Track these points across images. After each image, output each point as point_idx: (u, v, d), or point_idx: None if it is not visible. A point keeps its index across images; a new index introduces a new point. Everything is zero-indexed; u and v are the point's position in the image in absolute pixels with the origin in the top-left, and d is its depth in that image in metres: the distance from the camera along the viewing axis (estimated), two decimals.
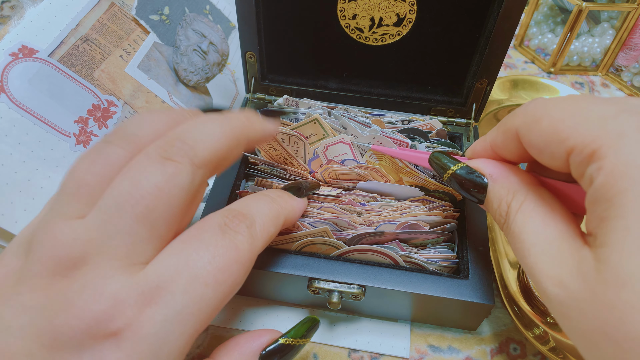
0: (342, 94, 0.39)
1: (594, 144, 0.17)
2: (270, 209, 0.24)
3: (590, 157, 0.17)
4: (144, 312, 0.17)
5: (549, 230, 0.19)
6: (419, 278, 0.28)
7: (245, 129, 0.24)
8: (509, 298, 0.31)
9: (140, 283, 0.18)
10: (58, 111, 0.30)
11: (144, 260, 0.19)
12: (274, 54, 0.39)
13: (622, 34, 0.51)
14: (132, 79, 0.35)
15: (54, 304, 0.17)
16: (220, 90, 0.44)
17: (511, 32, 0.33)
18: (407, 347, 0.31)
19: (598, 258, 0.16)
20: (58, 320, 0.16)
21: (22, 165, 0.27)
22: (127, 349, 0.17)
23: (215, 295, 0.19)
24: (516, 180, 0.22)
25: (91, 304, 0.17)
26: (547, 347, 0.28)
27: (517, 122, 0.21)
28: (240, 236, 0.21)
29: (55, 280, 0.17)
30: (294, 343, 0.24)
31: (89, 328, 0.16)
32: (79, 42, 0.32)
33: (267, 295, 0.33)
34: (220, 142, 0.22)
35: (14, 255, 0.19)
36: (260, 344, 0.23)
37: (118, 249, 0.18)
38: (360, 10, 0.34)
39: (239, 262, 0.20)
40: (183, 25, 0.41)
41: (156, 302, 0.17)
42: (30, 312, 0.17)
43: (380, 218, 0.30)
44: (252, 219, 0.22)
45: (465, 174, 0.24)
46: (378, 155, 0.32)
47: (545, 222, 0.20)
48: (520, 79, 0.49)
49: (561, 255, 0.18)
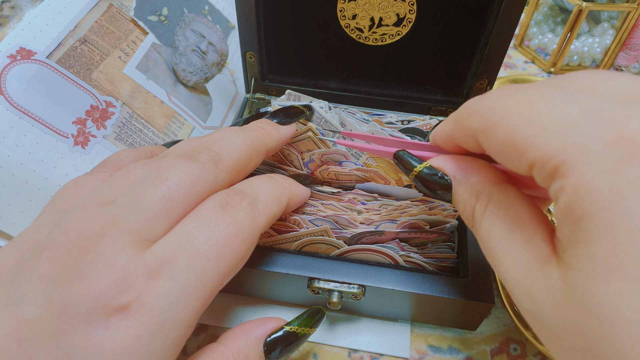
0: (342, 94, 0.39)
1: (554, 160, 0.15)
2: (273, 188, 0.25)
3: (553, 174, 0.15)
4: (150, 284, 0.18)
5: (515, 237, 0.18)
6: (419, 278, 0.28)
7: (263, 139, 0.26)
8: (509, 298, 0.31)
9: (147, 258, 0.18)
10: (56, 112, 0.30)
11: (155, 238, 0.19)
12: (274, 54, 0.39)
13: (622, 34, 0.51)
14: (130, 80, 0.35)
15: (69, 273, 0.18)
16: (219, 91, 0.44)
17: (511, 32, 0.33)
18: (407, 347, 0.31)
19: (566, 280, 0.15)
20: (70, 289, 0.17)
21: (20, 167, 0.27)
22: (134, 320, 0.18)
23: (217, 270, 0.20)
24: (479, 180, 0.20)
25: (102, 274, 0.18)
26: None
27: (474, 125, 0.19)
28: (242, 212, 0.21)
29: (72, 251, 0.18)
30: (299, 332, 0.24)
31: (99, 297, 0.17)
32: (77, 44, 0.32)
33: (267, 295, 0.33)
34: (241, 151, 0.24)
35: (34, 232, 0.21)
36: (265, 330, 0.23)
37: (133, 223, 0.19)
38: (360, 10, 0.34)
39: (239, 237, 0.21)
40: (182, 26, 0.41)
41: (161, 276, 0.18)
42: (46, 281, 0.18)
43: (380, 217, 0.30)
44: (255, 196, 0.23)
45: (428, 175, 0.22)
46: (374, 157, 0.32)
47: (511, 229, 0.18)
48: (521, 79, 0.49)
49: (529, 266, 0.17)
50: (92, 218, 0.19)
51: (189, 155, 0.22)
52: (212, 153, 0.23)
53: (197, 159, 0.22)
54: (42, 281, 0.18)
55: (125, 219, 0.19)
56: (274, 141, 0.27)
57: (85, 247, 0.18)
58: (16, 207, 0.27)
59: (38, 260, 0.18)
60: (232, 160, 0.23)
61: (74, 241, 0.18)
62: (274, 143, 0.27)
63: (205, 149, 0.23)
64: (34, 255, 0.19)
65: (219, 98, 0.43)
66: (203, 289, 0.19)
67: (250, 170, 0.26)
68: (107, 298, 0.17)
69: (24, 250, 0.20)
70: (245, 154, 0.24)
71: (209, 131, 0.41)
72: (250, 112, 0.40)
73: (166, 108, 0.37)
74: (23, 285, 0.18)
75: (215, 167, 0.22)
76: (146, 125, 0.35)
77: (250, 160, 0.25)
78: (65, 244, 0.18)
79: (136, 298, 0.18)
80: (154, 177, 0.20)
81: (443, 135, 0.22)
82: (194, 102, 0.40)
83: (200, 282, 0.19)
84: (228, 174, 0.23)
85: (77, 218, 0.19)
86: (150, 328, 0.18)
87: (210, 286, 0.20)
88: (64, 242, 0.18)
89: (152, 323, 0.18)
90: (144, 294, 0.18)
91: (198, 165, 0.21)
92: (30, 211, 0.27)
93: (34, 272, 0.18)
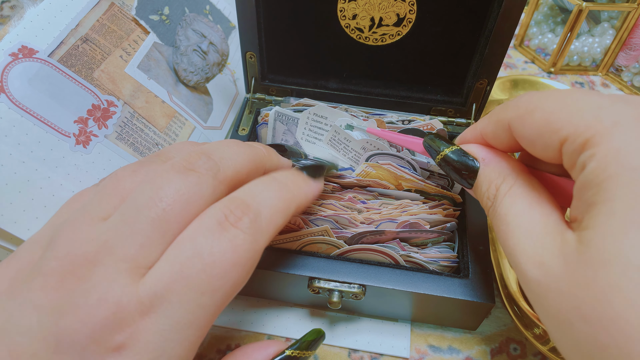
0: (342, 94, 0.39)
1: (587, 133, 0.17)
2: (280, 197, 0.23)
3: (584, 146, 0.17)
4: (144, 320, 0.17)
5: (534, 212, 0.19)
6: (419, 277, 0.28)
7: (264, 157, 0.25)
8: (509, 298, 0.31)
9: (140, 291, 0.18)
10: (58, 111, 0.30)
11: (149, 264, 0.18)
12: (274, 54, 0.39)
13: (622, 34, 0.51)
14: (132, 79, 0.35)
15: (62, 305, 0.17)
16: (220, 90, 0.44)
17: (511, 32, 0.33)
18: (407, 347, 0.31)
19: (581, 240, 0.16)
20: (64, 323, 0.17)
21: (22, 166, 0.27)
22: (129, 358, 0.17)
23: (212, 302, 0.19)
24: (507, 166, 0.22)
25: (96, 308, 0.17)
26: (547, 347, 0.28)
27: (509, 115, 0.21)
28: (241, 234, 0.20)
29: (66, 278, 0.17)
30: (300, 355, 0.23)
31: (93, 335, 0.17)
32: (78, 42, 0.32)
33: (267, 295, 0.33)
34: (242, 163, 0.23)
35: (28, 250, 0.20)
36: (267, 354, 0.23)
37: (127, 250, 0.18)
38: (360, 10, 0.34)
39: (238, 265, 0.19)
40: (183, 26, 0.41)
41: (155, 311, 0.18)
42: (40, 311, 0.17)
43: (380, 216, 0.30)
44: (257, 210, 0.21)
45: (457, 156, 0.24)
46: (374, 166, 0.32)
47: (531, 206, 0.20)
48: (521, 79, 0.49)
49: (544, 237, 0.18)
50: (84, 241, 0.18)
51: (186, 164, 0.21)
52: (211, 162, 0.21)
53: (194, 167, 0.21)
54: (35, 310, 0.17)
55: (119, 244, 0.18)
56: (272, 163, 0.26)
57: (80, 275, 0.17)
58: (18, 205, 0.27)
59: (31, 287, 0.17)
60: (231, 171, 0.22)
61: (67, 268, 0.17)
62: (273, 165, 0.26)
63: (205, 156, 0.21)
64: (27, 280, 0.18)
65: (220, 98, 0.43)
66: (198, 324, 0.18)
67: None
68: (102, 335, 0.17)
69: (19, 270, 0.19)
70: (245, 167, 0.23)
71: (209, 131, 0.41)
72: (250, 112, 0.40)
73: (167, 108, 0.37)
74: (16, 314, 0.17)
75: (214, 179, 0.21)
76: (147, 125, 0.35)
77: (249, 175, 0.23)
78: (58, 270, 0.17)
79: (130, 335, 0.17)
80: (148, 197, 0.19)
81: (473, 132, 0.25)
82: (194, 102, 0.40)
83: (194, 317, 0.18)
84: (226, 186, 0.22)
85: (69, 240, 0.18)
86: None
87: (206, 320, 0.19)
88: (57, 267, 0.18)
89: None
90: (138, 331, 0.17)
91: (194, 178, 0.20)
92: (31, 210, 0.28)
93: (27, 300, 0.17)
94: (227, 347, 0.32)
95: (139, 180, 0.21)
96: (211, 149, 0.22)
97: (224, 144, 0.24)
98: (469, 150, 0.24)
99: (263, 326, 0.32)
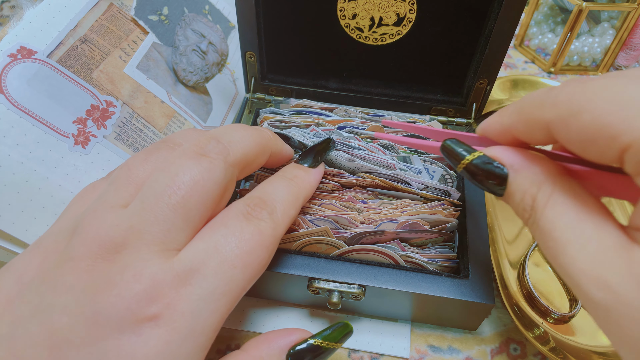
0: (342, 94, 0.39)
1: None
2: (289, 192, 0.25)
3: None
4: (179, 292, 0.18)
5: (585, 226, 0.17)
6: (419, 278, 0.28)
7: (270, 141, 0.27)
8: (509, 298, 0.31)
9: (175, 266, 0.19)
10: (57, 112, 0.30)
11: (178, 246, 0.20)
12: (274, 54, 0.39)
13: (622, 34, 0.51)
14: (131, 80, 0.35)
15: (97, 284, 0.18)
16: (219, 90, 0.44)
17: (511, 32, 0.33)
18: (407, 347, 0.31)
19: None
20: (101, 299, 0.17)
21: (21, 167, 0.27)
22: (165, 327, 0.18)
23: (243, 277, 0.20)
24: (540, 171, 0.19)
25: (132, 283, 0.18)
26: (547, 347, 0.28)
27: (547, 116, 0.18)
28: (264, 222, 0.22)
29: (97, 262, 0.18)
30: (324, 345, 0.23)
31: (130, 306, 0.17)
32: (77, 43, 0.32)
33: (267, 295, 0.33)
34: (250, 146, 0.24)
35: (51, 240, 0.20)
36: (289, 341, 0.23)
37: (155, 235, 0.19)
38: (360, 10, 0.34)
39: (263, 246, 0.21)
40: (182, 26, 0.41)
41: (190, 283, 0.19)
42: (74, 291, 0.18)
43: (380, 216, 0.30)
44: (273, 205, 0.24)
45: (482, 164, 0.21)
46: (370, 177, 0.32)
47: (579, 217, 0.17)
48: (521, 78, 0.49)
49: (603, 255, 0.16)
50: (110, 227, 0.19)
51: (197, 149, 0.22)
52: (221, 146, 0.23)
53: (205, 152, 0.22)
54: (70, 291, 0.18)
55: (146, 229, 0.19)
56: (277, 147, 0.28)
57: (110, 258, 0.18)
58: (16, 206, 0.27)
59: (62, 271, 0.18)
60: (240, 154, 0.23)
61: (97, 252, 0.18)
62: (277, 149, 0.28)
63: (215, 140, 0.23)
64: (57, 265, 0.19)
65: (219, 98, 0.43)
66: (230, 295, 0.20)
67: (254, 169, 0.26)
68: (138, 307, 0.18)
69: (45, 259, 0.19)
70: (252, 150, 0.24)
71: None
72: (250, 112, 0.40)
73: (166, 108, 0.37)
74: (49, 295, 0.18)
75: (224, 162, 0.22)
76: (146, 125, 0.35)
77: (256, 157, 0.25)
78: (88, 254, 0.18)
79: (167, 306, 0.18)
80: (165, 184, 0.20)
81: (499, 127, 0.21)
82: (194, 102, 0.40)
83: (228, 289, 0.20)
84: (236, 168, 0.23)
85: (94, 227, 0.19)
86: (181, 333, 0.18)
87: (236, 292, 0.20)
88: (86, 252, 0.18)
89: (182, 328, 0.18)
90: (175, 301, 0.18)
91: (206, 163, 0.21)
92: (30, 211, 0.27)
93: (60, 282, 0.18)
94: (227, 347, 0.32)
95: (150, 168, 0.22)
96: (220, 133, 0.24)
97: (231, 128, 0.25)
98: (494, 156, 0.21)
99: (263, 326, 0.32)
